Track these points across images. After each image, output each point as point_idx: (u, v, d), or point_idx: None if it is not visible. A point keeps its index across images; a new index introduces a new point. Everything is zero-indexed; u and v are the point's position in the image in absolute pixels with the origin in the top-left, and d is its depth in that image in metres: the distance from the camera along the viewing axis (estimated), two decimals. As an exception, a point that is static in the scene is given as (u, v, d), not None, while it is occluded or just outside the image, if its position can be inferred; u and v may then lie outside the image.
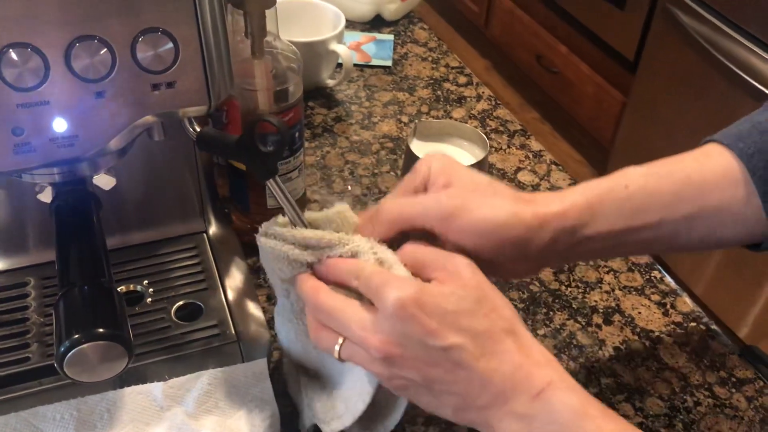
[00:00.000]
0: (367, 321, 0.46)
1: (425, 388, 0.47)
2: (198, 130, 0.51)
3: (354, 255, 0.50)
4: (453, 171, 0.53)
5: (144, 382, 0.59)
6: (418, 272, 0.48)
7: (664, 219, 0.53)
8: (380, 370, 0.47)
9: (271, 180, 0.52)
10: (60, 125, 0.46)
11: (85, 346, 0.43)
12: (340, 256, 0.50)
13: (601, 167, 2.18)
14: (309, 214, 0.54)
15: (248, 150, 0.50)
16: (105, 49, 0.44)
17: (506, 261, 0.52)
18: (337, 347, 0.48)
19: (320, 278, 0.51)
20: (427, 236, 0.52)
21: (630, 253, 0.74)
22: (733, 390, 0.64)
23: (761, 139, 0.53)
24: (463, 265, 0.47)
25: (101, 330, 0.44)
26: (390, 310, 0.45)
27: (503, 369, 0.45)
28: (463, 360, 0.45)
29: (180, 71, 0.47)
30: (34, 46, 0.43)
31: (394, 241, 0.52)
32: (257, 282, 0.70)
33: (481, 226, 0.50)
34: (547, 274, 0.74)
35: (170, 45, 0.46)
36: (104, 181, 0.57)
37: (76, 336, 0.43)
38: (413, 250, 0.50)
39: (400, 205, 0.53)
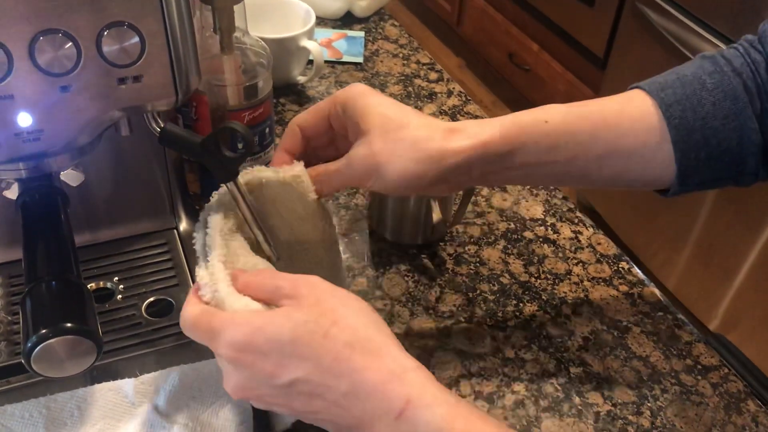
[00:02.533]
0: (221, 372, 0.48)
1: (301, 415, 0.47)
2: (161, 126, 0.50)
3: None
4: (367, 112, 0.54)
5: (115, 378, 0.58)
6: (271, 300, 0.48)
7: (578, 157, 0.55)
8: (256, 403, 0.48)
9: (230, 183, 0.52)
10: (25, 120, 0.45)
11: (52, 341, 0.43)
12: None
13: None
14: (265, 172, 0.55)
15: (211, 153, 0.50)
16: (70, 43, 0.44)
17: (424, 190, 0.55)
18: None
19: None
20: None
21: (542, 183, 0.79)
22: (699, 377, 0.66)
23: (682, 91, 0.56)
24: (302, 285, 0.47)
25: (69, 325, 0.44)
26: (226, 359, 0.45)
27: (357, 391, 0.43)
28: (312, 391, 0.44)
29: (146, 65, 0.47)
30: (-3, 40, 0.43)
31: None
32: (229, 278, 0.70)
33: (398, 182, 0.53)
34: (516, 266, 0.75)
35: (136, 39, 0.46)
36: (72, 176, 0.56)
37: (44, 331, 0.43)
38: (262, 278, 0.49)
39: (318, 173, 0.56)
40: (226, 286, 0.48)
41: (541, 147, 0.55)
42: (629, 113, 0.56)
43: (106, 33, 0.45)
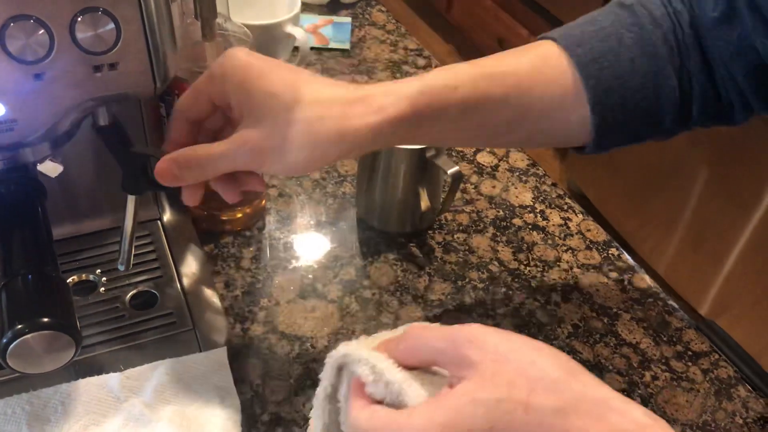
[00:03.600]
0: None
1: None
2: (102, 124, 0.51)
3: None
4: (250, 89, 0.47)
5: (99, 371, 0.57)
6: (432, 367, 0.41)
7: (488, 122, 0.53)
8: None
9: (135, 197, 0.54)
10: (-4, 110, 0.44)
11: (28, 336, 0.42)
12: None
13: (563, 150, 2.20)
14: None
15: (135, 165, 0.52)
16: (42, 30, 0.43)
17: (325, 165, 0.52)
18: None
19: None
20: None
21: (448, 145, 0.74)
22: (690, 363, 0.65)
23: (599, 46, 0.53)
24: (465, 345, 0.38)
25: (45, 320, 0.43)
26: None
27: None
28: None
29: (122, 52, 0.45)
30: (-35, 27, 0.42)
31: None
32: (214, 269, 0.69)
33: (294, 167, 0.48)
34: (505, 254, 0.74)
35: (111, 25, 0.44)
36: (50, 168, 0.55)
37: (19, 326, 0.42)
38: (412, 343, 0.41)
39: (200, 156, 0.49)
40: (397, 373, 0.40)
41: (451, 115, 0.51)
42: (543, 74, 0.53)
43: (79, 19, 0.43)
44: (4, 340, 0.42)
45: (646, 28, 0.53)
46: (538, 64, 0.53)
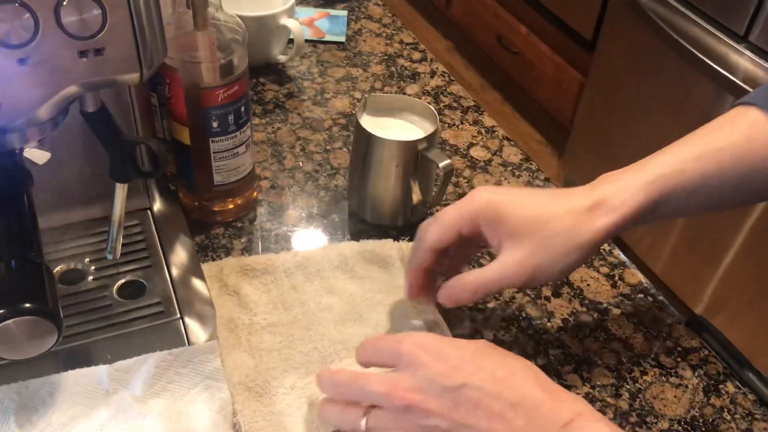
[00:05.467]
0: (387, 378, 0.48)
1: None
2: (89, 110, 0.51)
3: None
4: (505, 219, 0.54)
5: (86, 360, 0.57)
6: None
7: (712, 196, 0.55)
8: (408, 425, 0.47)
9: (124, 185, 0.55)
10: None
11: (10, 322, 0.42)
12: None
13: (561, 147, 2.19)
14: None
15: (124, 154, 0.53)
16: (27, 14, 0.42)
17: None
18: (363, 421, 0.48)
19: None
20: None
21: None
22: (679, 359, 0.65)
23: None
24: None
25: (27, 305, 0.42)
26: (407, 357, 0.48)
27: (526, 402, 0.45)
28: (480, 398, 0.45)
29: (109, 37, 0.45)
30: (-51, 10, 0.41)
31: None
32: (204, 260, 0.69)
33: (557, 276, 0.55)
34: (497, 248, 0.74)
35: (97, 9, 0.44)
36: (37, 155, 0.55)
37: (1, 312, 0.42)
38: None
39: (476, 280, 0.56)
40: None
41: (680, 199, 0.55)
42: (758, 142, 0.54)
43: (65, 3, 0.43)
44: (-15, 325, 0.42)
45: None
46: (749, 133, 0.55)
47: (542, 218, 0.53)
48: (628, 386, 0.62)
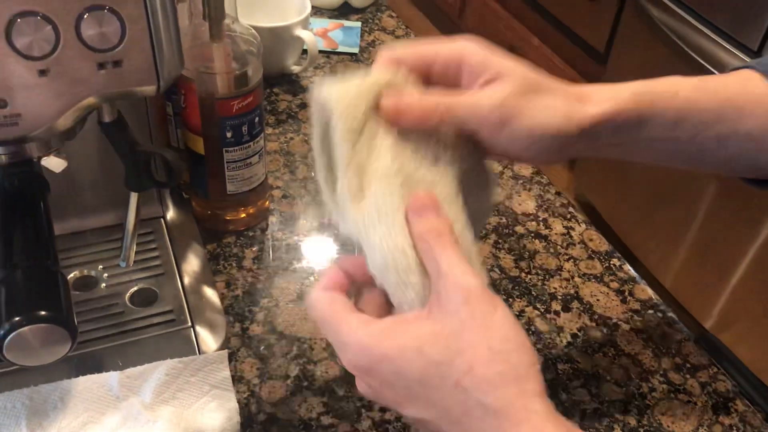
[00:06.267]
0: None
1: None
2: (106, 120, 0.52)
3: None
4: (497, 63, 0.47)
5: (98, 367, 0.58)
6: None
7: (699, 135, 0.52)
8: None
9: (137, 194, 0.56)
10: (1, 103, 0.44)
11: (25, 329, 0.43)
12: None
13: (572, 160, 2.19)
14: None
15: (138, 165, 0.54)
16: (48, 26, 0.43)
17: (542, 156, 0.49)
18: None
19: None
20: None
21: (655, 161, 0.64)
22: (688, 376, 0.65)
23: None
24: (453, 291, 0.41)
25: (43, 313, 0.43)
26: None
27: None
28: (434, 430, 0.42)
29: (127, 50, 0.46)
30: (-27, 22, 0.42)
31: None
32: (215, 268, 0.70)
33: (536, 133, 0.47)
34: (507, 261, 0.74)
35: (116, 23, 0.45)
36: (54, 163, 0.56)
37: (17, 319, 0.42)
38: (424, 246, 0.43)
39: (442, 96, 0.47)
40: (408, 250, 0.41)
41: (668, 121, 0.51)
42: (751, 93, 0.53)
43: (86, 16, 0.44)
44: (1, 333, 0.42)
45: None
46: (745, 84, 0.53)
47: (537, 79, 0.48)
48: (636, 402, 0.62)
